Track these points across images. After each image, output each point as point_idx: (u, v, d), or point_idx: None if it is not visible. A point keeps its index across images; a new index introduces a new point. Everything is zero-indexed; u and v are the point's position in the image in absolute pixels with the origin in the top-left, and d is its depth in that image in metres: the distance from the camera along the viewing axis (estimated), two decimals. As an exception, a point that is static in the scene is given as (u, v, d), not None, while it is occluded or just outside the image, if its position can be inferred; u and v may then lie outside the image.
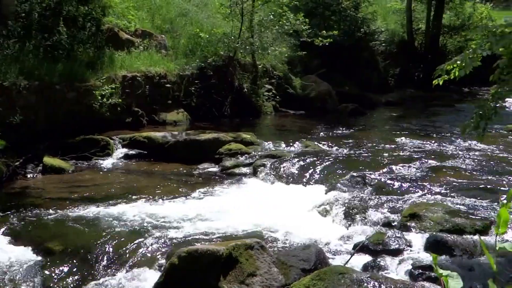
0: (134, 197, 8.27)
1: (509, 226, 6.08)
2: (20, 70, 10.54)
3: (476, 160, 9.97)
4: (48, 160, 9.71)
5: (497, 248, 2.24)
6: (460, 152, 10.71)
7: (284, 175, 9.35)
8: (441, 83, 6.02)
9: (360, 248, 5.99)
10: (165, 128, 12.77)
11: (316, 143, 11.68)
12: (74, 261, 6.07)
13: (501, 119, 8.50)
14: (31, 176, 9.45)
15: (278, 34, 16.51)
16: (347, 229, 6.95)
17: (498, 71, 5.72)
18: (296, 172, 9.43)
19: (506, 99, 6.40)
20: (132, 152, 10.98)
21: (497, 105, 5.91)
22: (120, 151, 10.94)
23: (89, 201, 7.99)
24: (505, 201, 2.15)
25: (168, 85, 13.83)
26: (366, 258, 5.88)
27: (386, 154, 10.67)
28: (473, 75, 6.23)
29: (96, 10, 13.19)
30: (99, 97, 11.67)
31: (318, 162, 9.78)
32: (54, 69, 11.23)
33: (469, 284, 4.96)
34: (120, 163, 10.55)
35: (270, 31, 16.16)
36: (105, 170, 10.09)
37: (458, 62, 5.74)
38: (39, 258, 6.12)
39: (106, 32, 13.53)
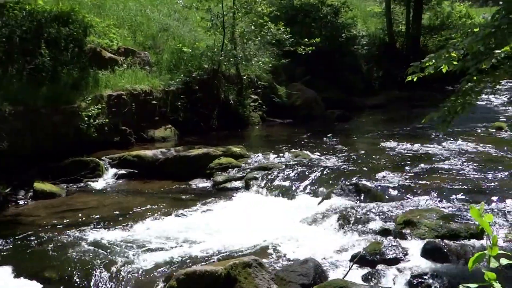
0: (127, 219, 8.24)
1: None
2: (4, 95, 10.46)
3: (466, 161, 10.07)
4: (38, 185, 9.64)
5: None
6: (449, 154, 10.81)
7: (276, 187, 9.37)
8: (415, 79, 6.04)
9: (357, 259, 6.01)
10: (154, 145, 12.73)
11: (305, 151, 11.71)
12: (72, 289, 6.03)
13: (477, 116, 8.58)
14: (23, 202, 9.36)
15: (261, 45, 16.56)
16: (343, 240, 6.96)
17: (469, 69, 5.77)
18: (288, 183, 9.45)
19: (478, 97, 6.43)
20: (122, 171, 10.91)
21: (467, 102, 5.96)
22: (111, 172, 10.87)
23: (83, 226, 7.93)
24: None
25: (154, 102, 13.79)
26: (365, 270, 5.90)
27: (376, 160, 10.73)
28: (455, 73, 6.29)
29: (78, 30, 13.14)
30: (86, 118, 11.60)
31: (309, 171, 9.81)
32: (38, 92, 11.16)
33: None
34: (111, 184, 10.50)
35: (253, 42, 16.21)
36: (97, 192, 10.03)
37: (433, 61, 5.78)
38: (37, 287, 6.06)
39: (89, 52, 13.48)
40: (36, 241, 7.39)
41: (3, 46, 11.66)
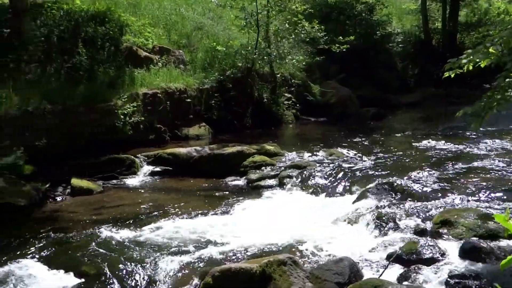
0: (162, 215, 8.32)
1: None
2: (43, 94, 10.67)
3: (503, 160, 9.85)
4: (76, 181, 9.81)
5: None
6: (487, 153, 10.60)
7: (310, 186, 9.34)
8: (452, 76, 5.93)
9: (393, 258, 5.94)
10: (188, 143, 12.83)
11: (340, 150, 11.65)
12: (109, 284, 6.10)
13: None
14: (61, 198, 9.54)
15: (295, 43, 16.54)
16: (378, 239, 6.87)
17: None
18: (322, 182, 9.41)
19: None
20: (157, 169, 11.04)
21: (503, 98, 5.81)
22: (146, 169, 11.01)
23: (119, 222, 8.05)
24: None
25: (188, 100, 13.91)
26: (400, 269, 5.82)
27: (411, 158, 10.60)
28: (493, 70, 6.17)
29: (114, 29, 13.33)
30: (122, 116, 11.77)
31: (344, 170, 9.75)
32: (76, 91, 11.37)
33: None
34: (147, 181, 10.62)
35: (287, 40, 16.20)
36: (132, 188, 10.16)
37: (471, 57, 5.67)
38: (75, 282, 6.15)
39: (125, 50, 13.67)
40: (73, 236, 7.50)
41: (42, 45, 11.89)
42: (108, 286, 6.06)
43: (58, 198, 9.54)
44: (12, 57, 11.13)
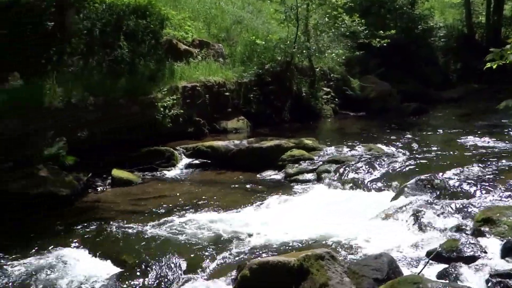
0: (201, 207, 8.39)
1: None
2: (85, 86, 10.86)
3: (549, 158, 9.58)
4: (116, 173, 9.98)
5: None
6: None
7: (348, 181, 9.27)
8: (494, 67, 5.78)
9: (433, 256, 5.85)
10: (227, 136, 12.90)
11: (379, 145, 11.53)
12: (148, 273, 6.17)
13: None
14: (102, 189, 9.73)
15: (334, 37, 16.43)
16: (417, 236, 6.77)
17: None
18: (361, 177, 9.33)
19: None
20: (196, 161, 11.16)
21: None
22: (184, 161, 11.15)
23: (158, 213, 8.17)
24: None
25: (227, 93, 13.98)
26: (440, 267, 5.72)
27: (453, 155, 10.41)
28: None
29: (155, 23, 13.48)
30: (162, 109, 11.91)
31: (383, 165, 9.65)
32: (117, 84, 11.53)
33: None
34: (185, 173, 10.74)
35: (326, 34, 16.10)
36: (171, 180, 10.29)
37: None
38: (115, 270, 6.26)
39: (165, 44, 13.82)
40: (113, 226, 7.63)
41: (85, 38, 12.10)
42: (147, 275, 6.13)
43: (99, 188, 9.74)
44: (56, 50, 11.35)
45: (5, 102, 9.22)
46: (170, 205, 8.62)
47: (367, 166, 9.65)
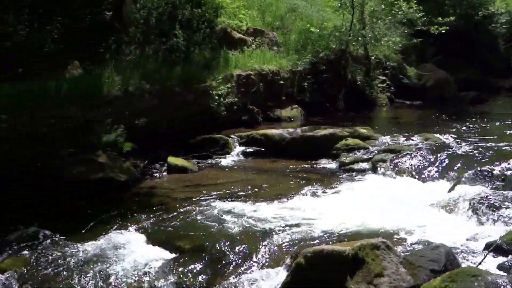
0: (255, 195, 8.44)
1: None
2: (142, 74, 11.05)
3: None
4: (172, 160, 10.15)
5: None
6: None
7: (404, 171, 9.12)
8: None
9: (493, 248, 5.69)
10: (280, 125, 12.92)
11: (436, 135, 11.28)
12: (203, 259, 6.26)
13: None
14: (158, 175, 9.91)
15: (391, 24, 16.11)
16: (476, 227, 6.60)
17: None
18: (417, 167, 9.16)
19: None
20: (249, 150, 11.23)
21: None
22: (238, 149, 11.24)
23: (212, 200, 8.25)
24: None
25: (281, 82, 13.97)
26: (500, 259, 5.57)
27: (513, 145, 10.07)
28: None
29: (209, 11, 13.56)
30: (216, 97, 12.01)
31: (440, 155, 9.41)
32: (172, 72, 11.68)
33: None
34: (239, 161, 10.82)
35: (383, 21, 15.81)
36: (225, 168, 10.38)
37: None
38: (171, 256, 6.38)
39: (220, 32, 13.89)
40: (169, 212, 7.78)
41: (141, 27, 12.29)
42: (201, 261, 6.22)
43: (155, 175, 9.92)
44: (114, 39, 11.59)
45: (65, 90, 9.48)
46: (225, 192, 8.70)
47: (423, 156, 9.45)
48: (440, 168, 8.94)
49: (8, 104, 8.44)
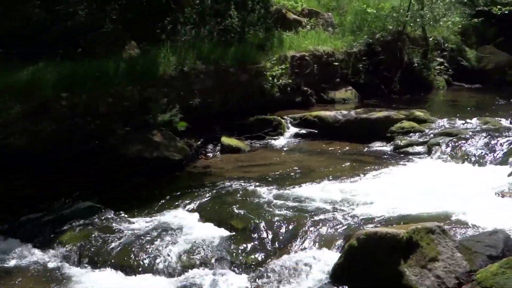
0: (307, 176, 8.44)
1: None
2: (197, 55, 11.13)
3: None
4: (225, 140, 10.25)
5: None
6: None
7: (461, 155, 8.91)
8: None
9: (554, 236, 5.52)
10: (334, 107, 12.81)
11: (496, 119, 10.95)
12: (255, 239, 6.34)
13: None
14: (211, 155, 10.04)
15: (451, 4, 15.65)
16: (536, 214, 6.42)
17: None
18: (475, 151, 8.94)
19: None
20: (303, 131, 11.21)
21: None
22: (292, 131, 11.23)
23: (265, 180, 8.29)
24: None
25: (335, 63, 13.81)
26: (562, 248, 5.40)
27: None
28: None
29: (265, -8, 13.49)
30: (270, 78, 11.98)
31: (499, 140, 9.16)
32: (227, 52, 11.70)
33: None
34: (292, 143, 10.81)
35: (442, 1, 15.36)
36: (278, 149, 10.40)
37: None
38: (224, 234, 6.48)
39: (274, 13, 13.83)
40: (222, 191, 7.88)
41: (197, 8, 12.35)
42: (254, 241, 6.31)
43: (209, 155, 10.04)
44: (170, 20, 11.70)
45: (123, 70, 9.66)
46: (278, 172, 8.73)
47: (482, 140, 9.21)
48: (499, 153, 8.71)
49: (68, 83, 8.66)
